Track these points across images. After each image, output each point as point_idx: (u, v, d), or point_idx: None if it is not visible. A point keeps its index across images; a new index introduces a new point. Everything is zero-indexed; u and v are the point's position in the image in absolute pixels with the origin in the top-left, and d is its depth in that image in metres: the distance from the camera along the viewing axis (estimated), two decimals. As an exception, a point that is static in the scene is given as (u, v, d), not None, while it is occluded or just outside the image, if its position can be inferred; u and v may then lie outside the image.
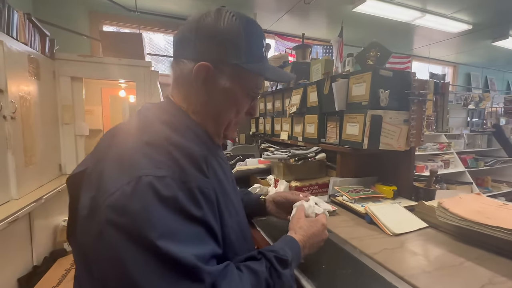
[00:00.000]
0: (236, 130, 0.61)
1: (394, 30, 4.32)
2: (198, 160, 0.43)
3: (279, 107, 1.51)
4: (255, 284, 0.42)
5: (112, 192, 0.36)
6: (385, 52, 0.92)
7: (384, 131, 0.90)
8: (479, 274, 0.55)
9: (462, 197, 0.79)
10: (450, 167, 3.25)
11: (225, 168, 0.56)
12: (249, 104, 0.57)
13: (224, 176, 0.53)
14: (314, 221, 0.61)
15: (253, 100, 0.57)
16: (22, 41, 2.00)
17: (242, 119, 0.59)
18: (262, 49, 0.54)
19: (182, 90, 0.53)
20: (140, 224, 0.35)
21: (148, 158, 0.39)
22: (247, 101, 0.56)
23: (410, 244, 0.69)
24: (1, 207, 1.37)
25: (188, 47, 0.50)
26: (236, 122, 0.58)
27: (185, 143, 0.44)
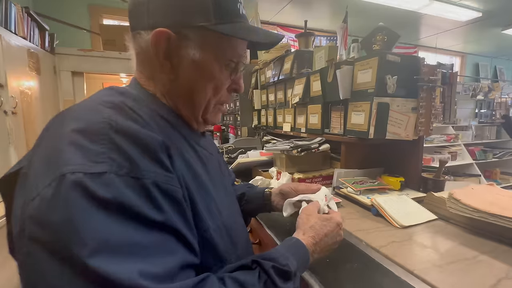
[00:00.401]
0: (219, 112, 0.50)
1: (400, 19, 4.20)
2: (155, 149, 0.34)
3: (281, 98, 1.47)
4: None
5: (32, 198, 0.29)
6: (393, 36, 0.87)
7: (391, 120, 0.85)
8: (494, 268, 0.51)
9: (474, 188, 0.74)
10: (457, 159, 3.18)
11: (207, 159, 0.47)
12: (229, 78, 0.46)
13: (204, 169, 0.44)
14: (328, 219, 0.51)
15: (234, 72, 0.46)
16: (21, 35, 1.97)
17: (225, 98, 0.48)
18: (237, 4, 0.43)
19: (145, 69, 0.44)
20: (65, 239, 0.26)
21: (78, 149, 0.30)
22: (226, 74, 0.45)
23: (419, 236, 0.65)
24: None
25: (141, 14, 0.41)
26: (218, 102, 0.47)
27: (137, 129, 0.34)
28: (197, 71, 0.42)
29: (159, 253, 0.30)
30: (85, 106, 0.37)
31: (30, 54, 2.09)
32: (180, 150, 0.40)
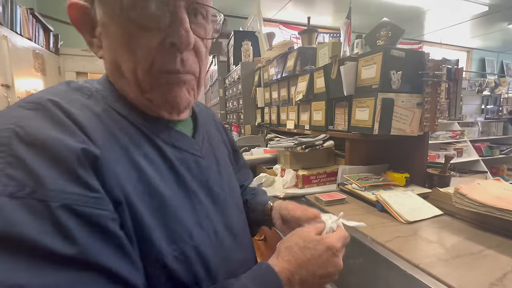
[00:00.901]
0: (168, 84, 0.35)
1: (403, 14, 4.15)
2: (70, 162, 0.26)
3: (285, 95, 1.47)
4: None
5: None
6: (397, 31, 0.87)
7: (396, 115, 0.85)
8: (501, 262, 0.51)
9: (481, 183, 0.74)
10: (463, 155, 3.15)
11: (178, 159, 0.37)
12: (154, 30, 0.33)
13: (168, 172, 0.35)
14: (314, 240, 0.38)
15: (152, 11, 0.32)
16: (26, 37, 2.00)
17: (162, 59, 0.33)
18: None
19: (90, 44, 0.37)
20: None
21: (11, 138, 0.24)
22: (133, 26, 0.32)
23: (424, 231, 0.65)
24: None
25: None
26: (156, 71, 0.34)
27: (50, 137, 0.26)
28: (108, 35, 0.34)
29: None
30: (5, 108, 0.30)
31: (35, 55, 2.12)
32: (131, 158, 0.32)
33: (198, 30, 0.36)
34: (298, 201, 0.90)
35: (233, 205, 0.46)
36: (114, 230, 0.27)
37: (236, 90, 2.13)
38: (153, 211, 0.32)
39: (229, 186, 0.47)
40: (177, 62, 0.34)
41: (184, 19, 0.33)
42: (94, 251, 0.25)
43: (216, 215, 0.40)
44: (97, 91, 0.35)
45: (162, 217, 0.33)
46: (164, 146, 0.37)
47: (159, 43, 0.33)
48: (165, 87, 0.35)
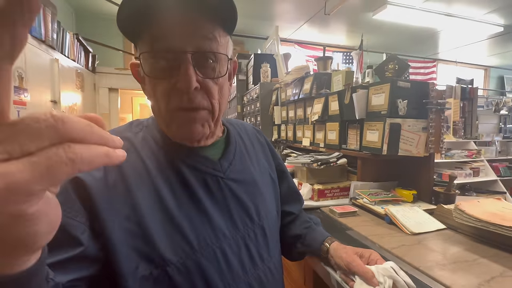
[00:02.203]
0: (189, 120, 0.42)
1: (417, 34, 4.25)
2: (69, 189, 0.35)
3: (301, 115, 1.60)
4: None
5: None
6: (403, 65, 0.99)
7: (403, 138, 0.95)
8: (491, 269, 0.60)
9: (480, 201, 0.82)
10: (480, 175, 3.11)
11: (196, 181, 0.44)
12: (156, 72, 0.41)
13: (182, 192, 0.42)
14: None
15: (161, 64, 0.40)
16: (71, 58, 2.28)
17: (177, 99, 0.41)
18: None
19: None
20: None
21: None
22: (152, 69, 0.41)
23: (427, 242, 0.74)
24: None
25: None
26: (175, 109, 0.42)
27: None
28: (146, 83, 0.44)
29: None
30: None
31: (77, 74, 2.39)
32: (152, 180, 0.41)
33: (207, 72, 0.42)
34: (314, 212, 1.01)
35: (259, 228, 0.49)
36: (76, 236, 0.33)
37: (254, 107, 2.29)
38: (161, 224, 0.39)
39: (259, 206, 0.50)
40: (183, 100, 0.41)
41: (187, 67, 0.39)
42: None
43: (230, 234, 0.44)
44: (147, 125, 0.47)
45: (165, 229, 0.39)
46: (185, 169, 0.44)
47: (171, 88, 0.41)
48: (180, 122, 0.43)
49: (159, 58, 0.40)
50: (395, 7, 3.20)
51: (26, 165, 0.14)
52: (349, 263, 0.51)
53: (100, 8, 3.10)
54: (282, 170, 0.65)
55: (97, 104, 2.93)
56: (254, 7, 3.18)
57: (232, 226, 0.45)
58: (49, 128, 0.14)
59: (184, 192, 0.42)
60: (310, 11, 3.39)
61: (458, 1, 3.18)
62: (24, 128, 0.14)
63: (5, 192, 0.13)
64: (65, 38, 2.14)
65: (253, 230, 0.48)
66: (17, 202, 0.14)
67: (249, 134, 0.60)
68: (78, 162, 0.15)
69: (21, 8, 0.14)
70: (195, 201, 0.43)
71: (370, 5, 3.25)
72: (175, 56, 0.40)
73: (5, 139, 0.14)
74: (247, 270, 0.44)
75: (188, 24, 0.39)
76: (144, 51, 0.41)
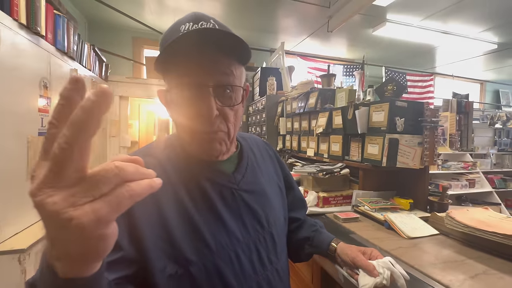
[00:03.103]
0: (216, 140, 0.50)
1: (415, 49, 4.42)
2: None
3: (306, 126, 1.71)
4: None
5: None
6: (401, 87, 1.10)
7: (401, 152, 1.06)
8: (475, 267, 0.69)
9: (469, 210, 0.92)
10: (476, 186, 3.21)
11: (218, 193, 0.51)
12: (190, 100, 0.47)
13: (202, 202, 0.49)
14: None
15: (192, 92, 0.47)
16: (88, 68, 2.40)
17: (206, 122, 0.48)
18: (178, 32, 0.46)
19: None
20: None
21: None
22: (186, 97, 0.47)
23: (422, 245, 0.84)
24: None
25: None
26: (203, 133, 0.49)
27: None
28: (172, 109, 0.51)
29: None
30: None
31: (92, 83, 2.50)
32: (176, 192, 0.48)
33: (225, 101, 0.49)
34: (320, 218, 1.11)
35: (268, 234, 0.54)
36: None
37: (260, 118, 2.41)
38: (184, 230, 0.46)
39: (268, 213, 0.56)
40: (206, 125, 0.48)
41: (209, 98, 0.47)
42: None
43: (243, 238, 0.50)
44: (171, 144, 0.54)
45: (188, 235, 0.45)
46: (204, 182, 0.50)
47: (196, 114, 0.48)
48: (202, 142, 0.50)
49: (186, 90, 0.47)
50: (394, 24, 3.37)
51: (105, 203, 0.21)
52: (353, 258, 0.60)
53: (111, 19, 3.25)
54: (290, 181, 0.72)
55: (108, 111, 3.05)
56: (260, 21, 3.33)
57: (245, 231, 0.51)
58: (115, 176, 0.21)
59: (204, 202, 0.49)
60: (313, 26, 3.55)
61: (454, 19, 3.35)
62: (100, 178, 0.21)
63: (96, 222, 0.20)
64: (83, 49, 2.27)
65: (263, 235, 0.53)
66: (102, 227, 0.21)
67: (260, 147, 0.67)
68: (134, 195, 0.22)
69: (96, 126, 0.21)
70: (213, 210, 0.49)
71: (370, 22, 3.41)
72: (199, 89, 0.47)
73: (89, 187, 0.21)
74: (257, 271, 0.50)
75: (208, 62, 0.47)
76: (173, 84, 0.48)
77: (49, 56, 1.65)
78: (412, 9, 3.07)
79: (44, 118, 1.62)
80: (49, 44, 1.63)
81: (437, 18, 3.28)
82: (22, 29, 1.36)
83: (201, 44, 0.45)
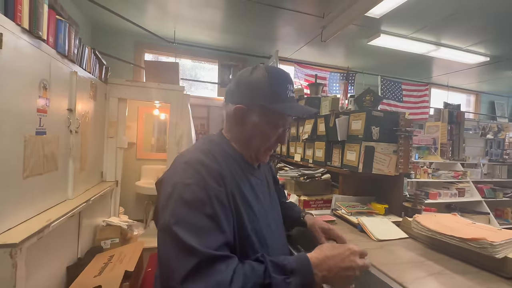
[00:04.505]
0: (268, 155, 0.75)
1: (410, 59, 4.52)
2: (216, 174, 0.59)
3: (294, 132, 1.77)
4: (248, 275, 0.51)
5: (163, 194, 0.58)
6: (378, 98, 1.17)
7: (376, 159, 1.12)
8: (433, 268, 0.74)
9: (437, 215, 0.98)
10: (465, 195, 3.26)
11: (256, 184, 0.71)
12: (276, 135, 0.70)
13: (250, 189, 0.68)
14: (338, 245, 0.63)
15: (280, 131, 0.70)
16: (88, 70, 2.47)
17: (272, 146, 0.72)
18: (286, 91, 0.68)
19: (228, 124, 0.73)
20: (168, 215, 0.54)
21: (182, 172, 0.58)
22: (274, 132, 0.69)
23: (388, 247, 0.89)
24: (62, 204, 1.70)
25: (232, 94, 0.71)
26: (266, 149, 0.71)
27: (210, 164, 0.60)
28: (254, 129, 0.69)
29: (210, 233, 0.53)
30: (191, 150, 0.67)
31: (92, 85, 2.57)
32: (234, 176, 0.65)
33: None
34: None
35: (275, 209, 0.80)
36: (226, 206, 0.59)
37: (253, 123, 2.47)
38: (245, 209, 0.64)
39: (273, 197, 0.81)
40: (272, 147, 0.74)
41: (286, 134, 0.75)
42: (219, 213, 0.56)
43: (269, 212, 0.72)
44: (218, 142, 0.72)
45: (247, 210, 0.64)
46: (250, 176, 0.71)
47: (275, 139, 0.72)
48: (266, 155, 0.74)
49: (280, 127, 0.72)
50: (388, 36, 3.46)
51: (363, 262, 0.60)
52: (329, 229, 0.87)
53: (115, 23, 3.35)
54: (276, 180, 0.99)
55: (107, 112, 3.11)
56: (256, 29, 3.43)
57: (268, 201, 0.76)
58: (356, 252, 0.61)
59: (252, 191, 0.69)
60: (308, 35, 3.64)
61: (445, 33, 3.44)
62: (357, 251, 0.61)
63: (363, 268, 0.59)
64: (84, 52, 2.35)
65: (274, 209, 0.79)
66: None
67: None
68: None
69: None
70: (254, 192, 0.70)
71: (364, 33, 3.51)
72: (284, 129, 0.74)
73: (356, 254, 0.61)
74: (276, 230, 0.75)
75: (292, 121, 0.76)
76: (270, 117, 0.69)
77: (49, 58, 1.73)
78: (405, 22, 3.17)
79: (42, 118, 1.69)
80: (50, 47, 1.71)
81: (429, 30, 3.38)
82: (24, 33, 1.43)
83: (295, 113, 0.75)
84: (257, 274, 0.52)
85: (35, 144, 1.51)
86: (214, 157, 0.64)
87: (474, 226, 0.90)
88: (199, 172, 0.58)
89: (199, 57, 4.23)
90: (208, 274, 0.49)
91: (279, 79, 0.69)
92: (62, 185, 1.80)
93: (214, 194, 0.57)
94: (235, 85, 0.71)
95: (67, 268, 1.84)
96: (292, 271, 0.54)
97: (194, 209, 0.54)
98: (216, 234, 0.54)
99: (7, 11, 1.32)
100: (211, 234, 0.53)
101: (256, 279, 0.52)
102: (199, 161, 0.60)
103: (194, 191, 0.55)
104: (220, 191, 0.58)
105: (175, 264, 0.50)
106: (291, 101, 0.70)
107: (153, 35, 3.37)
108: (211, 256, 0.51)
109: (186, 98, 3.07)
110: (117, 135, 3.12)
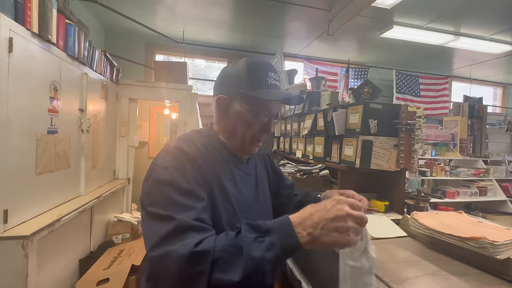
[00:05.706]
0: (255, 145, 0.73)
1: (427, 52, 4.29)
2: (194, 161, 0.61)
3: (296, 129, 1.74)
4: (220, 238, 0.51)
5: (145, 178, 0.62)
6: (376, 89, 1.11)
7: (375, 154, 1.07)
8: (428, 268, 0.70)
9: (438, 213, 0.92)
10: (488, 195, 3.05)
11: (239, 177, 0.71)
12: (259, 123, 0.69)
13: (232, 182, 0.68)
14: (324, 200, 0.54)
15: (265, 120, 0.69)
16: (99, 72, 2.57)
17: (257, 135, 0.70)
18: (266, 78, 0.68)
19: (216, 117, 0.74)
20: (146, 195, 0.58)
21: (164, 157, 0.62)
22: (257, 120, 0.68)
23: (384, 246, 0.84)
24: (74, 200, 1.78)
25: (216, 87, 0.73)
26: (252, 138, 0.70)
27: (188, 151, 0.63)
28: (237, 118, 0.69)
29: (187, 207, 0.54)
30: (175, 140, 0.69)
31: (103, 86, 2.67)
32: (214, 165, 0.66)
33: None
34: (294, 216, 1.13)
35: (263, 203, 0.79)
36: (202, 187, 0.60)
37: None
38: (221, 200, 0.64)
39: (262, 192, 0.79)
40: (261, 139, 0.73)
41: (272, 124, 0.73)
42: (196, 189, 0.58)
43: (254, 205, 0.74)
44: (207, 135, 0.72)
45: (224, 204, 0.64)
46: (234, 169, 0.71)
47: (259, 129, 0.70)
48: (252, 146, 0.73)
49: (263, 116, 0.70)
50: (401, 27, 3.30)
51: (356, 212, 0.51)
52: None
53: (126, 27, 3.46)
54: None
55: (119, 111, 3.22)
56: (263, 26, 3.39)
57: (254, 195, 0.76)
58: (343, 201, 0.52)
59: (232, 180, 0.69)
60: (317, 30, 3.56)
61: (463, 22, 3.23)
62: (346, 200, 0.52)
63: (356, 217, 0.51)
64: (94, 54, 2.44)
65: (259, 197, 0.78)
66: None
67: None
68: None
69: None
70: (236, 185, 0.70)
71: (376, 25, 3.37)
72: (269, 118, 0.72)
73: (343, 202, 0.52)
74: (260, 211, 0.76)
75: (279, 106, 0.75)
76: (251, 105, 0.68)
77: (60, 61, 1.81)
78: (418, 11, 3.01)
79: (54, 118, 1.77)
80: (60, 50, 1.79)
81: (445, 20, 3.18)
82: (34, 37, 1.51)
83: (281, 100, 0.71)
84: (229, 237, 0.51)
85: (47, 142, 1.58)
86: (194, 144, 0.66)
87: (479, 225, 0.83)
88: (177, 158, 0.61)
89: (208, 57, 4.27)
90: (180, 239, 0.49)
91: (258, 67, 0.69)
92: (75, 182, 1.88)
93: (192, 175, 0.59)
94: (219, 78, 0.73)
95: (79, 261, 1.92)
96: (268, 231, 0.49)
97: (171, 187, 0.55)
98: (193, 209, 0.55)
99: (17, 17, 1.39)
100: (188, 209, 0.54)
101: (226, 241, 0.49)
102: (178, 148, 0.63)
103: (171, 173, 0.57)
104: (197, 175, 0.60)
105: (150, 234, 0.52)
106: (273, 88, 0.69)
107: (163, 36, 3.44)
108: (185, 223, 0.51)
109: (194, 97, 3.11)
110: (129, 134, 3.23)
